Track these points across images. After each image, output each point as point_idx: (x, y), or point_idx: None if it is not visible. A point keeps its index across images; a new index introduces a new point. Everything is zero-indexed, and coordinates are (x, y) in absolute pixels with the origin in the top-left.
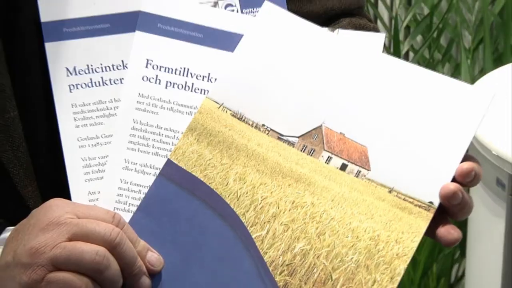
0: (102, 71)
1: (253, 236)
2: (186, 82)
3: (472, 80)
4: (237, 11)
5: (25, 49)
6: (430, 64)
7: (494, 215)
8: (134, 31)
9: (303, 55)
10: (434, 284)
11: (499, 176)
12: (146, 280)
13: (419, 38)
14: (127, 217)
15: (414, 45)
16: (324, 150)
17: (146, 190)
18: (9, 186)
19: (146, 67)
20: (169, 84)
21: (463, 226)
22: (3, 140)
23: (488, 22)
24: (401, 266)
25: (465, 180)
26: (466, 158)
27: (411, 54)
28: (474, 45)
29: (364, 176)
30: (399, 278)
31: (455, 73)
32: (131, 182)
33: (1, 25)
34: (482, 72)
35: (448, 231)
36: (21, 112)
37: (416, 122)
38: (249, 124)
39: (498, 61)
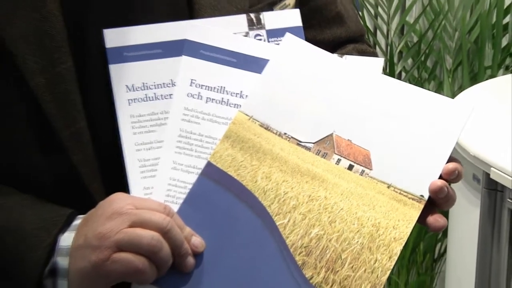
0: (155, 88)
1: (277, 224)
2: (222, 98)
3: (452, 95)
4: (264, 40)
5: (92, 70)
6: (418, 82)
7: (471, 204)
8: (181, 55)
9: (318, 76)
10: (421, 259)
11: (475, 172)
12: (191, 260)
13: (409, 61)
14: (175, 208)
15: (405, 67)
16: (335, 153)
17: (190, 187)
18: (79, 183)
19: (191, 85)
20: (209, 99)
21: (446, 212)
22: (75, 145)
23: (465, 48)
24: (398, 248)
25: (449, 177)
26: (451, 159)
27: (403, 74)
28: (454, 67)
29: (367, 174)
30: (395, 258)
31: (438, 89)
32: (178, 180)
33: (72, 52)
34: (461, 88)
35: (436, 219)
36: (88, 122)
37: (410, 130)
38: (273, 133)
39: (474, 80)
